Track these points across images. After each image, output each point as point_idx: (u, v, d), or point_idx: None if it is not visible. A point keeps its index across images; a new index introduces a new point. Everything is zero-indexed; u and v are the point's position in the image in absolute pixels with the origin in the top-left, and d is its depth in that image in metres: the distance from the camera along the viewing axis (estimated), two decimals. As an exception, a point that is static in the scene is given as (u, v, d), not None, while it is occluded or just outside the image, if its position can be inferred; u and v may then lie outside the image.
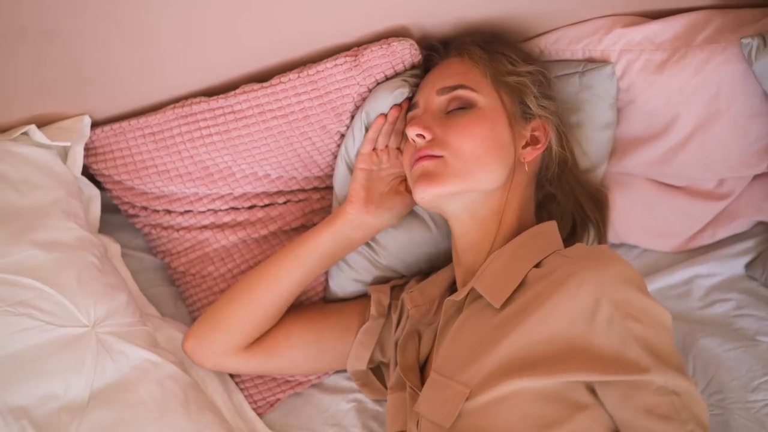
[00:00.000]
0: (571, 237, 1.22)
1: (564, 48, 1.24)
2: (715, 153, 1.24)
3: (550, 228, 1.09)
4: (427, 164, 1.06)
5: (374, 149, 1.19)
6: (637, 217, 1.33)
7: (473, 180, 1.06)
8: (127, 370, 1.11)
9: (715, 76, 1.17)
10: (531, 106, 1.11)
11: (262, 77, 1.23)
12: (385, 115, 1.17)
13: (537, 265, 1.01)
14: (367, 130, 1.19)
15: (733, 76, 1.17)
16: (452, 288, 1.17)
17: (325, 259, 1.19)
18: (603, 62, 1.22)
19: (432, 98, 1.11)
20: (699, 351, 1.24)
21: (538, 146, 1.11)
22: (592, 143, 1.24)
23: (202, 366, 1.20)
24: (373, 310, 1.22)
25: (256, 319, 1.18)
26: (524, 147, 1.10)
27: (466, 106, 1.09)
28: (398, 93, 1.16)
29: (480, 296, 1.03)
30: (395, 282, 1.25)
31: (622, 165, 1.30)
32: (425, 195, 1.06)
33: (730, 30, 1.18)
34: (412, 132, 1.08)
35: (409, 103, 1.17)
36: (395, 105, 1.17)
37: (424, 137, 1.08)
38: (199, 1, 1.05)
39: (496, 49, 1.14)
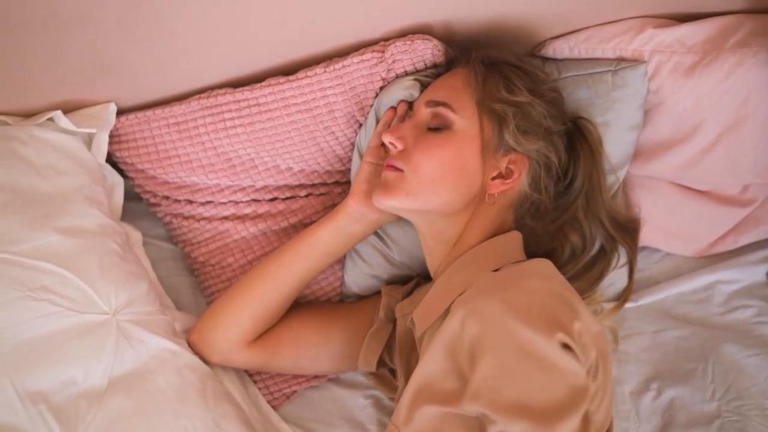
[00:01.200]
0: (600, 260, 1.19)
1: (594, 47, 1.24)
2: (742, 158, 1.23)
3: (489, 247, 1.06)
4: (388, 174, 1.08)
5: (383, 144, 1.18)
6: (659, 221, 1.33)
7: (424, 201, 1.06)
8: (146, 358, 1.11)
9: (745, 80, 1.17)
10: (506, 138, 1.07)
11: (288, 70, 1.23)
12: (395, 109, 1.17)
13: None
14: (378, 122, 1.19)
15: (764, 80, 1.16)
16: None
17: (326, 255, 1.19)
18: (636, 61, 1.21)
19: (421, 108, 1.11)
20: (719, 357, 1.24)
21: (508, 181, 1.07)
22: (618, 144, 1.23)
23: (209, 361, 1.20)
24: (381, 313, 1.21)
25: (257, 314, 1.17)
26: (494, 178, 1.07)
27: (442, 127, 1.08)
28: (408, 94, 1.16)
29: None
30: (409, 286, 1.24)
31: (648, 168, 1.30)
32: (378, 204, 1.08)
33: (761, 34, 1.18)
34: (385, 138, 1.09)
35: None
36: (404, 101, 1.17)
37: (395, 146, 1.08)
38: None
39: (501, 70, 1.10)
